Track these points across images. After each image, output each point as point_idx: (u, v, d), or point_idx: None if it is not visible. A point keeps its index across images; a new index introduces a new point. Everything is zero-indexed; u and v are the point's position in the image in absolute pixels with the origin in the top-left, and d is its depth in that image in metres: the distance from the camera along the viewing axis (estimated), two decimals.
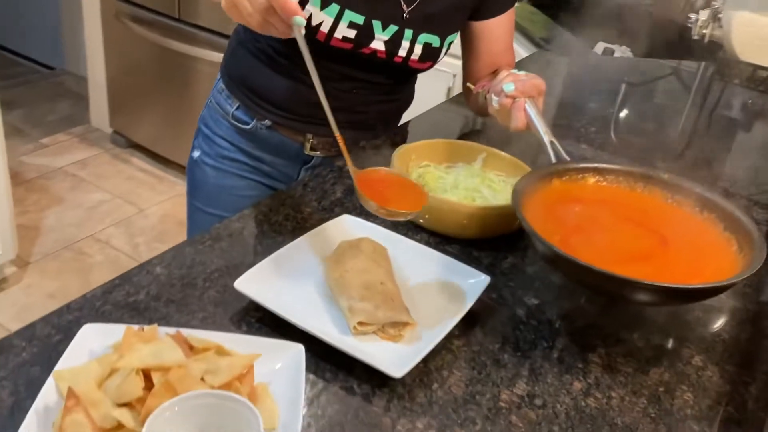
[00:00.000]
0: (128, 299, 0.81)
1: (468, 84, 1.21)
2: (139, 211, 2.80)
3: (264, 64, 1.14)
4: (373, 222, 0.96)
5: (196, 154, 1.26)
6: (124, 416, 0.61)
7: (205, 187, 1.25)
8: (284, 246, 0.88)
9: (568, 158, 0.97)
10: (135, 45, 2.86)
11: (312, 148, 1.20)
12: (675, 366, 0.82)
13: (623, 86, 1.85)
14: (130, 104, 3.07)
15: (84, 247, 2.55)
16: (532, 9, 2.20)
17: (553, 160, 0.97)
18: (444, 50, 1.13)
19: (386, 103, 1.21)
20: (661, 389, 0.79)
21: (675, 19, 1.92)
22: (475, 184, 1.05)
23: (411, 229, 1.01)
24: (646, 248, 0.89)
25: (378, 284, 0.82)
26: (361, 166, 1.17)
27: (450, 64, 1.33)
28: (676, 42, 1.81)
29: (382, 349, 0.76)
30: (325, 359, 0.75)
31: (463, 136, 1.33)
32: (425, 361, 0.76)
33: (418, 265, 0.90)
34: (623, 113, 1.69)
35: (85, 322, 0.73)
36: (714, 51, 1.49)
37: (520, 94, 1.00)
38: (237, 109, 1.19)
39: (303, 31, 0.81)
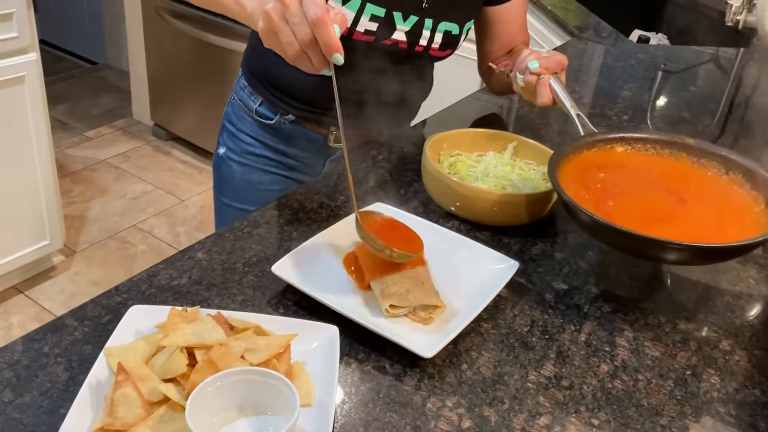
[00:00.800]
0: (171, 283, 0.85)
1: (490, 64, 1.23)
2: (180, 201, 2.87)
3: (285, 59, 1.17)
4: (404, 209, 0.99)
5: (222, 150, 1.29)
6: (170, 390, 0.65)
7: (232, 182, 1.28)
8: (319, 232, 0.92)
9: (595, 130, 0.99)
10: (175, 39, 2.93)
11: (336, 141, 1.23)
12: (702, 350, 0.83)
13: (659, 74, 1.84)
14: (171, 98, 3.14)
15: (127, 237, 2.63)
16: None
17: (581, 132, 0.99)
18: (463, 37, 1.15)
19: (408, 93, 1.23)
20: (688, 372, 0.80)
21: (711, 5, 1.90)
22: (506, 172, 1.07)
23: (443, 216, 1.03)
24: (672, 209, 0.92)
25: (409, 269, 0.84)
26: (397, 156, 1.20)
27: None
28: (711, 28, 1.79)
29: (413, 331, 0.79)
30: (359, 340, 0.78)
31: (494, 126, 1.35)
32: (455, 342, 0.79)
33: (449, 251, 0.93)
34: (659, 100, 1.68)
35: (132, 304, 0.78)
36: (749, 37, 1.47)
37: (545, 71, 1.02)
38: (260, 105, 1.21)
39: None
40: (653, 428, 0.72)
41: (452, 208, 1.03)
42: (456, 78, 1.37)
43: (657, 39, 2.10)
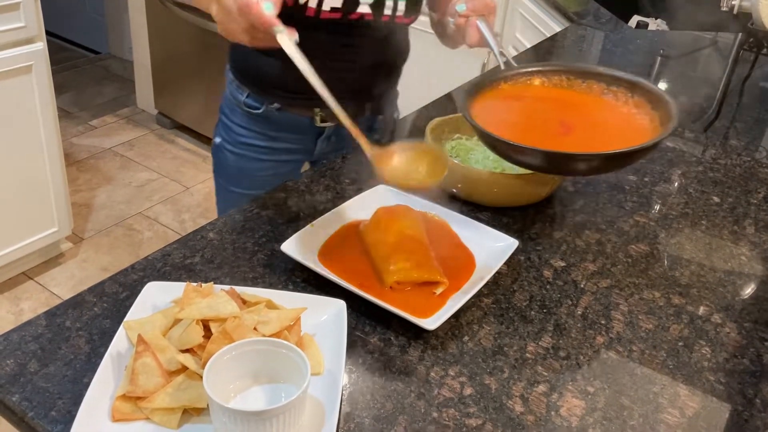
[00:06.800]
0: (185, 261, 0.88)
1: (429, 12, 1.24)
2: (185, 189, 2.91)
3: (265, 53, 1.18)
4: (407, 191, 1.02)
5: (218, 140, 1.34)
6: (188, 360, 0.69)
7: (228, 169, 1.33)
8: (325, 213, 0.95)
9: (516, 65, 1.05)
10: (178, 28, 2.95)
11: (322, 120, 1.26)
12: (694, 323, 0.87)
13: (658, 59, 1.86)
14: (174, 86, 3.17)
15: (134, 224, 2.67)
16: None
17: (503, 68, 1.04)
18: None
19: (383, 63, 1.25)
20: (680, 344, 0.83)
21: None
22: None
23: (444, 197, 1.06)
24: (568, 129, 0.99)
25: (413, 246, 0.88)
26: (399, 140, 1.23)
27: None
28: (709, 13, 1.81)
29: (417, 305, 0.83)
30: (365, 314, 0.82)
31: None
32: (456, 316, 0.83)
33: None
34: (657, 85, 1.70)
35: (148, 281, 0.81)
36: (744, 22, 1.50)
37: (472, 13, 1.05)
38: (247, 96, 1.26)
39: (290, 39, 0.85)
40: (646, 395, 0.76)
41: (454, 190, 1.06)
42: (457, 64, 1.40)
43: (656, 24, 2.12)
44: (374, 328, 0.81)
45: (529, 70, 1.06)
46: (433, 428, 0.70)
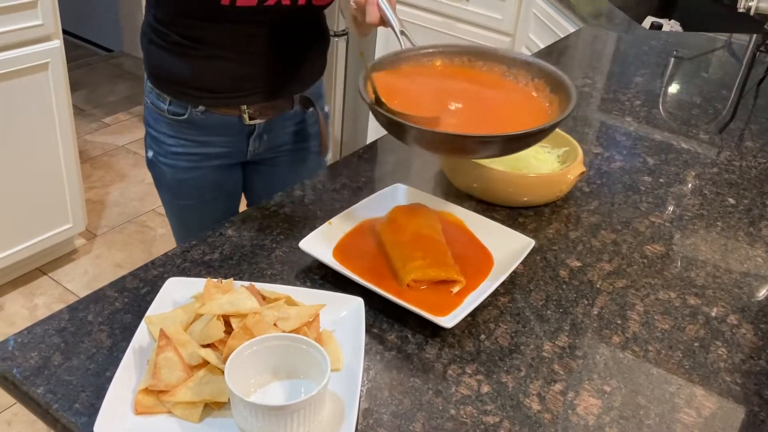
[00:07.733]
0: (204, 257, 0.89)
1: None
2: None
3: (179, 55, 1.16)
4: (424, 190, 1.03)
5: (150, 153, 1.29)
6: (209, 355, 0.70)
7: (167, 182, 1.29)
8: (343, 211, 0.96)
9: (417, 45, 1.01)
10: None
11: (251, 117, 1.22)
12: (710, 324, 0.87)
13: (671, 60, 1.86)
14: None
15: (147, 221, 2.68)
16: None
17: (403, 47, 1.00)
18: None
19: (304, 51, 1.22)
20: (696, 344, 0.84)
21: None
22: (522, 155, 1.10)
23: (460, 196, 1.07)
24: (476, 111, 0.95)
25: (429, 245, 0.88)
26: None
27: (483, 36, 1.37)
28: (724, 15, 1.81)
29: (434, 303, 0.83)
30: (382, 312, 0.83)
31: None
32: (473, 315, 0.83)
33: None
34: (671, 87, 1.71)
35: (168, 277, 0.82)
36: (762, 23, 1.50)
37: None
38: (170, 104, 1.21)
39: None
40: (662, 395, 0.76)
41: (470, 190, 1.07)
42: None
43: (670, 26, 2.12)
44: (391, 326, 0.82)
45: (430, 50, 1.01)
46: (451, 425, 0.70)
